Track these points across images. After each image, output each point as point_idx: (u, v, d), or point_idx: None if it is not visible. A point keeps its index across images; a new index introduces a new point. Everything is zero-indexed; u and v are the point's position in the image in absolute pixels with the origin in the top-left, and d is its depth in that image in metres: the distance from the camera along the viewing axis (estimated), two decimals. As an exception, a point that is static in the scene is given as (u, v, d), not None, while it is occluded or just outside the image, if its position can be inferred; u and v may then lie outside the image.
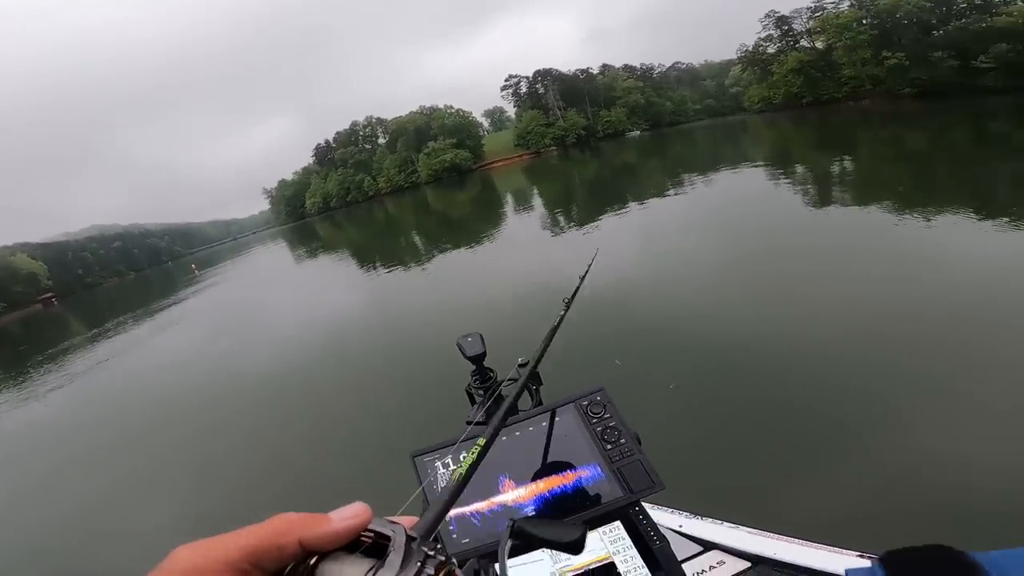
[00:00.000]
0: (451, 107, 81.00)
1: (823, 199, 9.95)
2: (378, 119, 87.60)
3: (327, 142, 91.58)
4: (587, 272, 1.02)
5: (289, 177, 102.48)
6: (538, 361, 0.74)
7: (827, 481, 2.66)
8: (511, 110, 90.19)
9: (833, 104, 52.22)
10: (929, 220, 6.81)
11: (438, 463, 0.78)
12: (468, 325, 1.31)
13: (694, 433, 3.26)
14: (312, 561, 0.29)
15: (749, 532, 1.15)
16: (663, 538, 0.73)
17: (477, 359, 1.07)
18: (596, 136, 74.32)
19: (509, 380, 1.07)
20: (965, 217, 6.67)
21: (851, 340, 3.89)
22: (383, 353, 6.60)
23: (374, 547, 0.29)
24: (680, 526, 1.20)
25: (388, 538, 0.29)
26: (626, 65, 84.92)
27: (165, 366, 9.52)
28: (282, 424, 5.30)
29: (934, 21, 46.25)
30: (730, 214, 9.92)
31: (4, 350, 23.19)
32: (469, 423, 1.00)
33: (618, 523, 0.75)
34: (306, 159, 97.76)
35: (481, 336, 1.08)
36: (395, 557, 0.28)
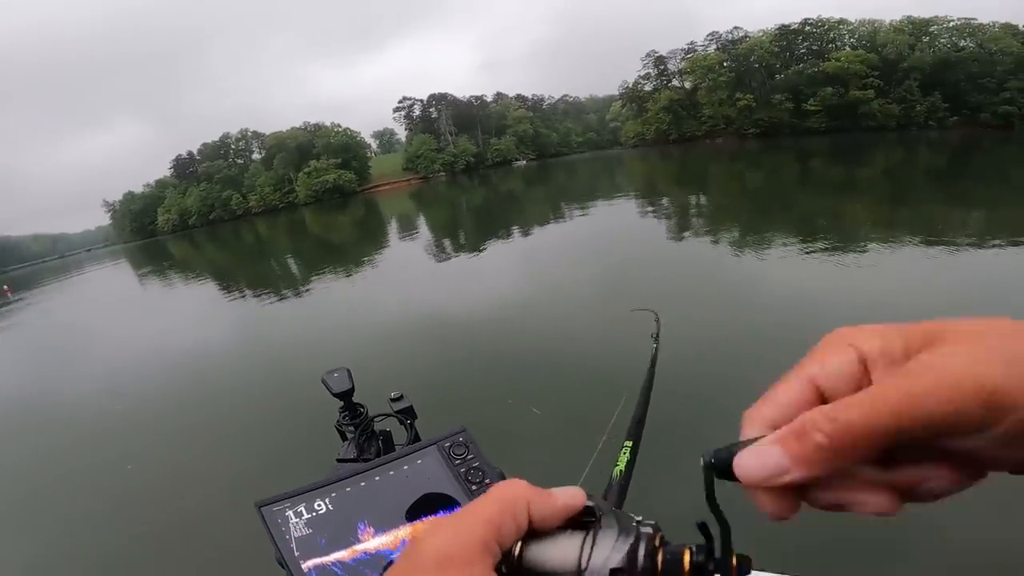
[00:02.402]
0: (338, 125, 77.70)
1: (680, 229, 10.96)
2: (254, 132, 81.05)
3: (190, 153, 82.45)
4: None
5: (139, 189, 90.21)
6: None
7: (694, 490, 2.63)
8: (402, 133, 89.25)
9: (694, 141, 58.67)
10: (762, 248, 7.78)
11: (289, 512, 0.69)
12: (338, 358, 1.29)
13: (567, 462, 3.12)
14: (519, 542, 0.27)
15: None
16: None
17: (344, 395, 1.05)
18: (485, 164, 76.11)
19: (381, 416, 1.07)
20: (789, 245, 7.72)
21: (699, 359, 4.10)
22: (243, 389, 5.72)
23: (575, 524, 0.28)
24: None
25: (593, 511, 0.28)
26: (519, 95, 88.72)
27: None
28: (109, 474, 4.25)
29: (779, 65, 54.61)
30: (600, 243, 10.45)
31: None
32: (340, 460, 0.97)
33: None
34: (162, 171, 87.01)
35: (348, 371, 1.07)
36: (609, 520, 0.28)
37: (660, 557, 0.27)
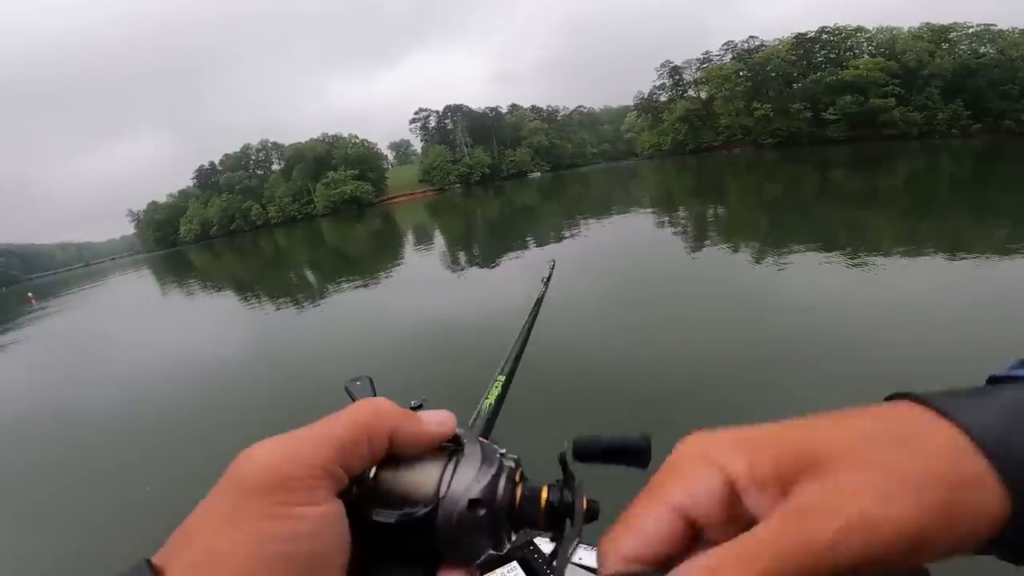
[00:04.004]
0: (355, 136, 79.11)
1: (698, 242, 10.90)
2: (274, 143, 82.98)
3: (212, 164, 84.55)
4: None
5: (162, 199, 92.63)
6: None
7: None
8: (418, 144, 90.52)
9: (711, 151, 58.08)
10: (782, 260, 7.72)
11: None
12: (359, 367, 1.26)
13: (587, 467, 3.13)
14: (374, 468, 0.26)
15: None
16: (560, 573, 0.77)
17: None
18: (500, 175, 76.60)
19: None
20: (810, 257, 7.64)
21: (716, 369, 4.10)
22: (265, 396, 5.83)
23: (437, 449, 0.27)
24: (580, 559, 1.16)
25: (458, 438, 0.27)
26: (533, 106, 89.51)
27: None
28: (127, 480, 4.35)
29: (796, 74, 54.15)
30: (616, 258, 10.46)
31: None
32: None
33: (514, 563, 0.77)
34: (185, 181, 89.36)
35: (370, 380, 1.00)
36: (473, 449, 0.27)
37: (519, 492, 0.27)
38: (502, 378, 0.48)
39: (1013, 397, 0.21)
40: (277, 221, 73.93)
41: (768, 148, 51.82)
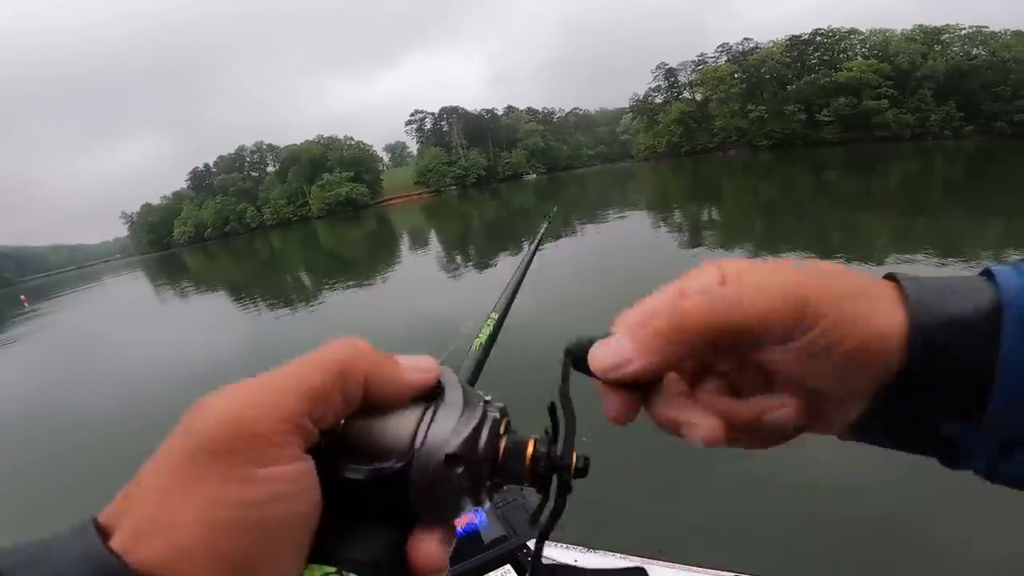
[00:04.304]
0: (351, 138, 79.03)
1: (693, 244, 10.93)
2: (269, 145, 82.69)
3: (206, 166, 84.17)
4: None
5: (156, 201, 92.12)
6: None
7: (719, 505, 2.69)
8: (413, 146, 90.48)
9: (706, 153, 58.25)
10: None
11: None
12: None
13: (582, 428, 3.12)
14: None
15: (643, 561, 1.16)
16: (549, 568, 0.78)
17: None
18: (496, 177, 76.58)
19: None
20: (805, 258, 7.64)
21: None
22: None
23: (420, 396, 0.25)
24: (575, 560, 1.17)
25: (440, 386, 0.25)
26: (529, 108, 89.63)
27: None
28: (124, 481, 4.30)
29: (790, 76, 54.50)
30: (611, 261, 10.46)
31: None
32: None
33: (508, 566, 0.77)
34: (179, 183, 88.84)
35: None
36: (454, 396, 0.24)
37: (503, 445, 0.25)
38: (495, 316, 0.43)
39: (956, 280, 0.25)
40: (272, 223, 73.71)
41: (763, 150, 52.01)
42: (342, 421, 0.23)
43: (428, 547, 0.23)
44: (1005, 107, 41.73)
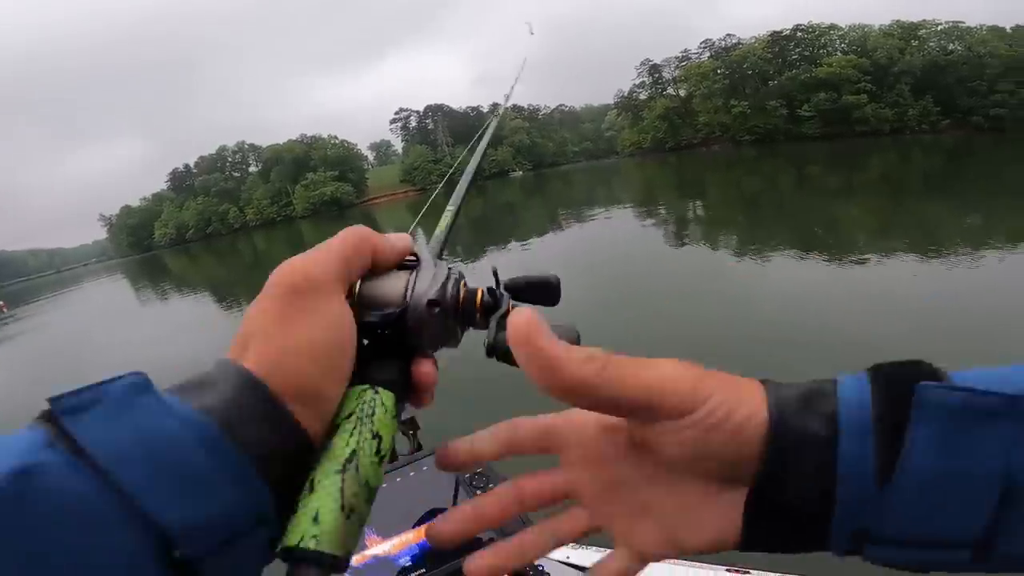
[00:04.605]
0: (335, 137, 78.11)
1: (679, 239, 10.96)
2: (251, 145, 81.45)
3: (187, 167, 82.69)
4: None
5: (135, 203, 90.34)
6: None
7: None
8: (399, 144, 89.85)
9: (690, 149, 58.58)
10: (763, 257, 7.78)
11: None
12: None
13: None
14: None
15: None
16: (546, 573, 0.78)
17: None
18: (482, 174, 76.14)
19: None
20: (789, 255, 7.71)
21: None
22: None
23: (402, 266, 0.34)
24: (567, 557, 1.17)
25: (416, 256, 0.35)
26: (515, 105, 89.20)
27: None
28: None
29: (772, 71, 55.02)
30: (603, 257, 10.45)
31: None
32: None
33: None
34: (159, 184, 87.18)
35: None
36: (429, 264, 0.34)
37: (462, 294, 0.34)
38: (452, 208, 0.56)
39: (811, 389, 0.26)
40: (256, 224, 72.67)
41: (746, 145, 52.46)
42: (358, 284, 0.32)
43: (425, 369, 0.33)
44: (981, 101, 42.58)
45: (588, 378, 0.25)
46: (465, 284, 0.35)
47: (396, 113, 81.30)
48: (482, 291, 0.35)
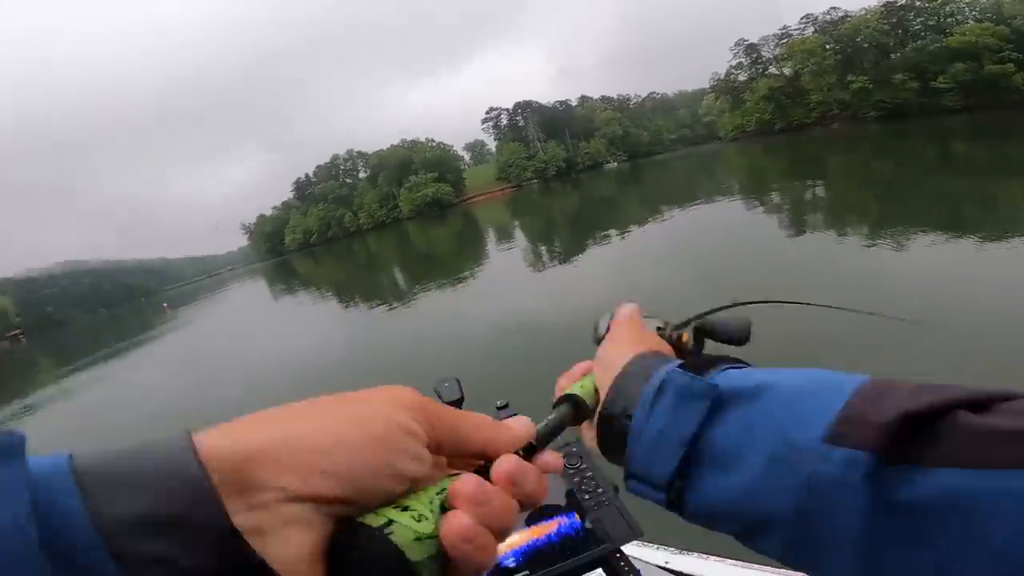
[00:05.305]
0: (432, 140, 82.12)
1: (797, 228, 10.16)
2: (359, 152, 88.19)
3: (307, 176, 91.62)
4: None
5: (268, 212, 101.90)
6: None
7: None
8: (492, 143, 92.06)
9: (804, 129, 53.74)
10: (903, 241, 6.99)
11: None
12: (446, 367, 1.35)
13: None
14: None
15: (735, 565, 1.15)
16: None
17: (455, 404, 1.06)
18: (576, 168, 75.88)
19: None
20: (937, 240, 6.84)
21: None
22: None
23: None
24: (666, 562, 1.19)
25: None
26: (603, 96, 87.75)
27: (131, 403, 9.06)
28: None
29: (892, 44, 48.90)
30: (709, 248, 10.03)
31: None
32: None
33: (599, 571, 0.77)
34: (286, 193, 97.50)
35: (458, 380, 1.09)
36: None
37: None
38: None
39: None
40: (368, 226, 78.64)
41: (871, 121, 46.74)
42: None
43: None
44: None
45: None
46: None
47: (487, 112, 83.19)
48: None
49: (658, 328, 0.46)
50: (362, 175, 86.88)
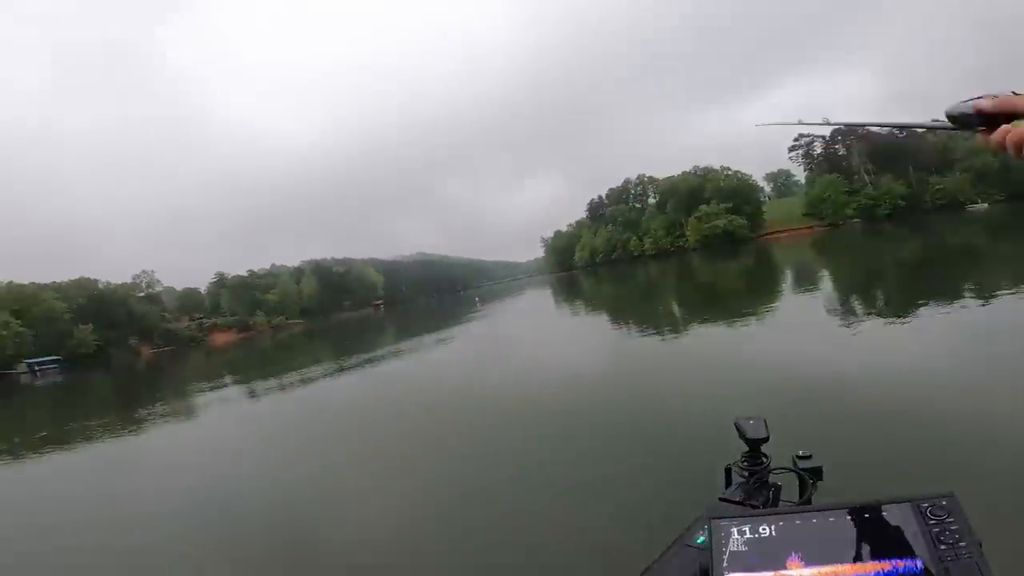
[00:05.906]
0: (728, 168, 77.30)
1: None
2: (649, 177, 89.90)
3: (600, 197, 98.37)
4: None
5: (564, 228, 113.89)
6: None
7: None
8: (800, 174, 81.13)
9: None
10: None
11: (735, 528, 0.77)
12: (744, 406, 1.40)
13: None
14: None
15: None
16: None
17: (757, 443, 1.11)
18: (923, 207, 60.07)
19: (782, 469, 1.08)
20: None
21: None
22: (630, 412, 6.57)
23: None
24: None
25: None
26: (955, 120, 66.53)
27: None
28: (517, 456, 5.62)
29: None
30: None
31: (343, 339, 31.74)
32: (723, 499, 1.04)
33: None
34: (579, 213, 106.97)
35: (765, 421, 1.13)
36: None
37: None
38: None
39: None
40: (652, 253, 79.54)
41: None
42: None
43: None
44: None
45: None
46: None
47: (795, 140, 73.04)
48: None
49: None
50: (651, 200, 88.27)
